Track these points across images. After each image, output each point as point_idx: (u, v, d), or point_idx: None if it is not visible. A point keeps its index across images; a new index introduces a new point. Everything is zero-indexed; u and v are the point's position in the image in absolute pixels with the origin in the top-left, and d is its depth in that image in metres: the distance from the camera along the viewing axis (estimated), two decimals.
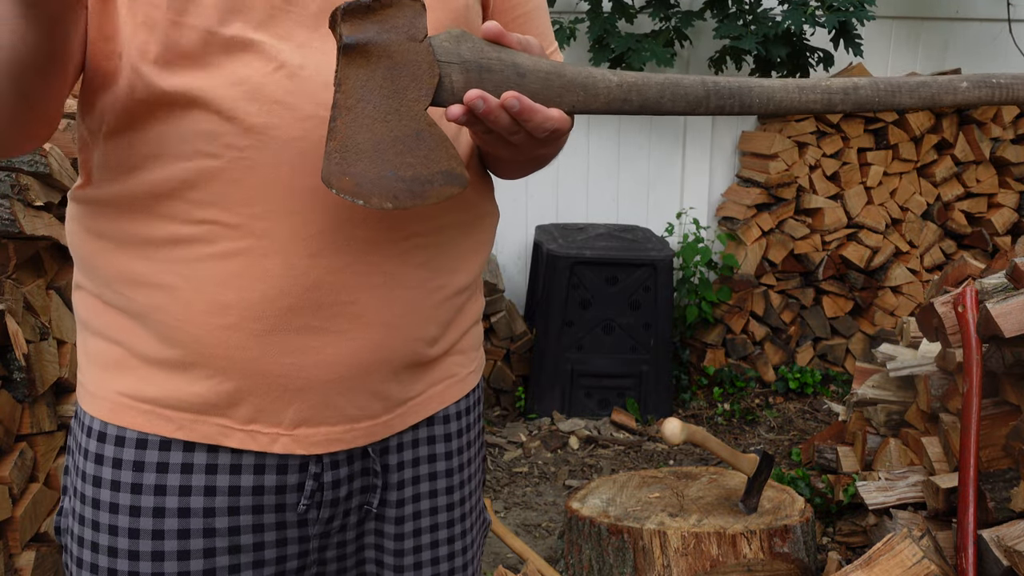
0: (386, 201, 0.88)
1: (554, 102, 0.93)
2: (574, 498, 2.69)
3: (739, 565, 2.40)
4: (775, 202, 4.37)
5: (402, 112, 0.89)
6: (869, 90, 1.03)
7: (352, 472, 1.08)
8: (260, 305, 0.98)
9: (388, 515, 1.13)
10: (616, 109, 0.97)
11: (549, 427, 3.96)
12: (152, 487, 1.02)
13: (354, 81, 0.88)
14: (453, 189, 0.91)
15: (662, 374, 4.06)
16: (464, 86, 0.90)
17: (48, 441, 2.26)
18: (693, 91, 0.98)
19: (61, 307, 2.30)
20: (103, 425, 1.03)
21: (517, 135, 0.92)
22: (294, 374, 1.01)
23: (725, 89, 0.99)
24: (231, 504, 1.03)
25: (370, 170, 0.88)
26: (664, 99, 0.98)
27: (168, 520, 1.02)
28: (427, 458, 1.14)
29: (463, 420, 1.18)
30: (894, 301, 4.44)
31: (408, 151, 0.90)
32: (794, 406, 4.26)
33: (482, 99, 0.88)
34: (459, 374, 1.16)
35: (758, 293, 4.37)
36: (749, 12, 4.00)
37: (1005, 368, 2.30)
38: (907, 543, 2.17)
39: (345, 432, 1.05)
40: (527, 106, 0.90)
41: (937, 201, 4.46)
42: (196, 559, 1.03)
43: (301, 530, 1.08)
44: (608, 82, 0.96)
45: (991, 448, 2.34)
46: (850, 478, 2.93)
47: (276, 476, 1.04)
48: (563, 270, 3.94)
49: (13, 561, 2.10)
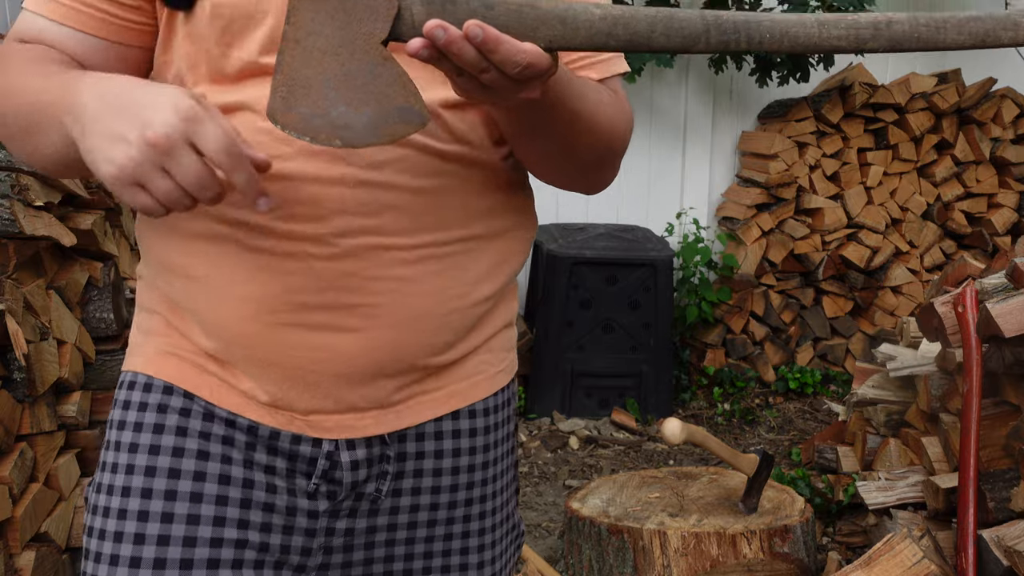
0: (334, 138, 0.84)
1: (527, 36, 0.86)
2: (574, 498, 2.69)
3: (739, 565, 2.40)
4: (775, 202, 4.37)
5: (356, 46, 0.85)
6: (907, 25, 0.88)
7: (370, 456, 1.09)
8: (277, 299, 1.01)
9: (403, 504, 1.12)
10: (600, 45, 0.88)
11: (549, 427, 3.96)
12: (174, 428, 1.05)
13: (304, 12, 0.85)
14: (409, 128, 0.85)
15: (662, 374, 4.06)
16: (425, 18, 0.85)
17: (48, 441, 2.26)
18: (690, 25, 0.87)
19: (61, 307, 2.30)
20: (134, 375, 1.09)
21: (487, 73, 0.85)
22: (307, 367, 1.04)
23: (728, 23, 0.87)
24: (247, 457, 1.06)
25: (318, 106, 0.84)
26: (655, 33, 0.87)
27: (186, 461, 1.04)
28: (451, 452, 1.14)
29: (491, 418, 1.18)
30: (894, 301, 4.44)
31: (361, 87, 0.85)
32: (794, 406, 4.26)
33: (442, 28, 0.82)
34: (486, 372, 1.16)
35: (758, 293, 4.37)
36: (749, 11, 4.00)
37: (1005, 368, 2.30)
38: (907, 543, 2.17)
39: (356, 420, 1.08)
40: (492, 35, 0.82)
41: (937, 201, 4.46)
42: (208, 504, 1.04)
43: (312, 503, 1.08)
44: (590, 15, 0.87)
45: (991, 448, 2.34)
46: (850, 478, 2.93)
47: (290, 444, 1.07)
48: (563, 270, 3.94)
49: (13, 561, 2.10)
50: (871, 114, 4.33)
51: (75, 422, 2.34)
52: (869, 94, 4.29)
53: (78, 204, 2.42)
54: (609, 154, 1.12)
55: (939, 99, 4.32)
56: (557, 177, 1.14)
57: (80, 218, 2.39)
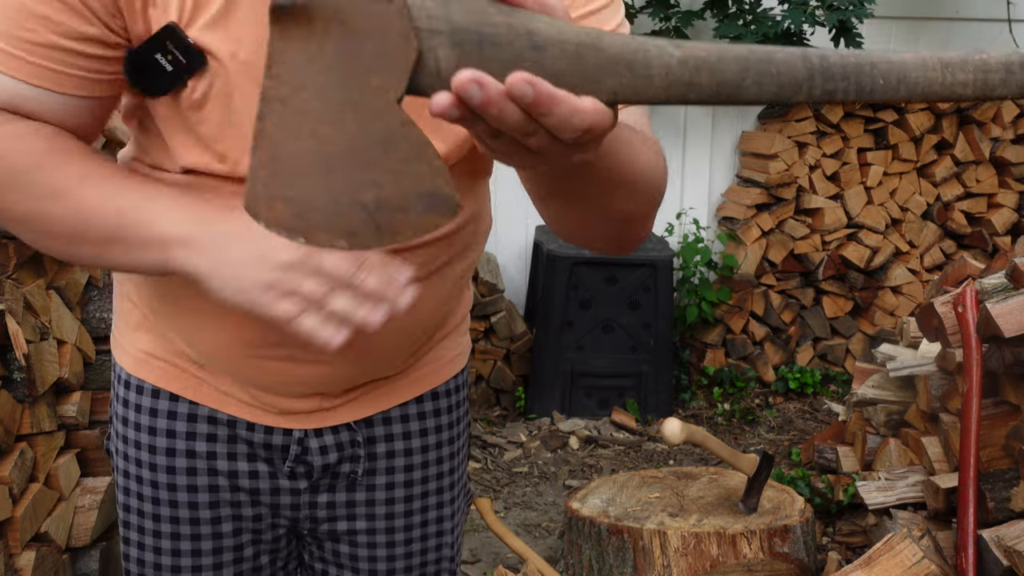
0: (338, 238, 0.63)
1: (586, 88, 0.64)
2: (574, 498, 2.69)
3: (739, 565, 2.40)
4: (775, 202, 4.37)
5: (363, 107, 0.62)
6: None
7: (339, 441, 1.18)
8: (247, 336, 1.07)
9: (379, 483, 1.22)
10: (678, 97, 0.67)
11: (549, 427, 3.96)
12: (164, 431, 1.17)
13: (291, 62, 0.62)
14: (438, 219, 0.64)
15: (662, 374, 4.06)
16: (455, 65, 0.62)
17: (48, 441, 2.26)
18: (789, 71, 0.69)
19: (61, 307, 2.30)
20: (128, 375, 1.19)
21: (533, 137, 0.65)
22: (277, 388, 1.13)
23: (836, 67, 0.69)
24: (230, 451, 1.17)
25: (313, 194, 0.63)
26: (747, 82, 0.68)
27: (179, 459, 1.17)
28: (419, 432, 1.23)
29: (452, 398, 1.26)
30: (894, 301, 4.44)
31: (372, 164, 0.63)
32: (794, 406, 4.26)
33: (478, 84, 0.61)
34: (446, 357, 1.24)
35: (758, 293, 4.37)
36: (749, 12, 4.00)
37: (1005, 368, 2.30)
38: (907, 543, 2.17)
39: (325, 414, 1.17)
40: (544, 93, 0.61)
41: (937, 201, 4.46)
42: (203, 492, 1.18)
43: (292, 483, 1.19)
44: (666, 58, 0.66)
45: (991, 448, 2.34)
46: (850, 478, 2.93)
47: (263, 434, 1.17)
48: (563, 270, 3.94)
49: (13, 561, 2.10)
50: (871, 114, 4.33)
51: (75, 422, 2.34)
52: None
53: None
54: (651, 206, 0.97)
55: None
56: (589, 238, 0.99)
57: None
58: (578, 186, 0.84)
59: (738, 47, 0.69)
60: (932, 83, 0.72)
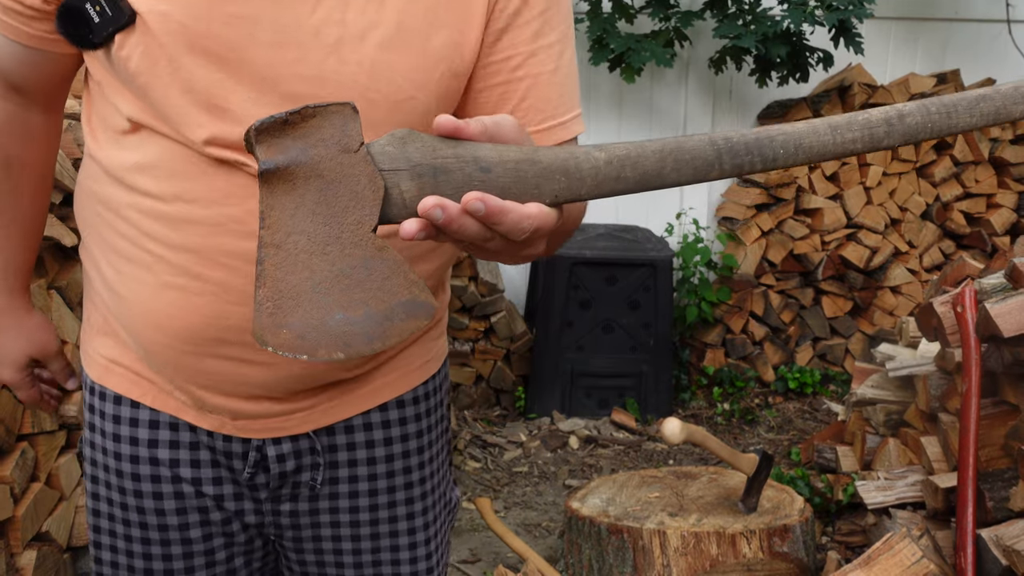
0: (336, 351, 0.73)
1: (530, 195, 0.77)
2: (574, 498, 2.70)
3: (739, 564, 2.41)
4: (774, 202, 4.38)
5: (344, 239, 0.74)
6: (918, 116, 0.84)
7: (297, 449, 1.16)
8: (190, 333, 1.06)
9: (341, 491, 1.19)
10: (608, 191, 0.80)
11: (549, 427, 3.97)
12: (128, 438, 1.17)
13: (280, 212, 0.74)
14: (419, 322, 0.75)
15: (662, 374, 4.07)
16: (417, 195, 0.74)
17: (49, 441, 2.26)
18: (701, 154, 0.80)
19: (62, 307, 2.30)
20: (92, 382, 1.19)
21: (492, 241, 0.77)
22: (224, 389, 1.11)
23: (740, 145, 0.81)
24: (192, 458, 1.17)
25: (312, 317, 0.73)
26: (666, 170, 0.80)
27: (142, 467, 1.17)
28: (383, 441, 1.20)
29: (421, 405, 1.22)
30: (893, 301, 4.45)
31: (357, 285, 0.74)
32: (793, 406, 4.27)
33: (440, 207, 0.72)
34: (413, 364, 1.21)
35: (758, 293, 4.37)
36: (749, 12, 4.00)
37: (1004, 368, 2.31)
38: (906, 542, 2.17)
39: (283, 422, 1.14)
40: (495, 207, 0.73)
41: (936, 201, 4.47)
42: (169, 499, 1.17)
43: (254, 492, 1.18)
44: (594, 161, 0.79)
45: (990, 448, 2.35)
46: (849, 478, 2.93)
47: (223, 442, 1.15)
48: (563, 270, 3.95)
49: (14, 561, 2.11)
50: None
51: (76, 422, 2.35)
52: (868, 94, 4.30)
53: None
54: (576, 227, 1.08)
55: None
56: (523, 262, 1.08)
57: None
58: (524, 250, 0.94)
59: (653, 142, 0.81)
60: (825, 145, 0.83)
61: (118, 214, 1.06)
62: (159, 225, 1.03)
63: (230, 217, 1.00)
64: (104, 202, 1.08)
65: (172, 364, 1.10)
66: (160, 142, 1.01)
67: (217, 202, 1.00)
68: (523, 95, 1.03)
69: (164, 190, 1.01)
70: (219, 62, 0.96)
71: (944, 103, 0.86)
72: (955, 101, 0.86)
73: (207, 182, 1.00)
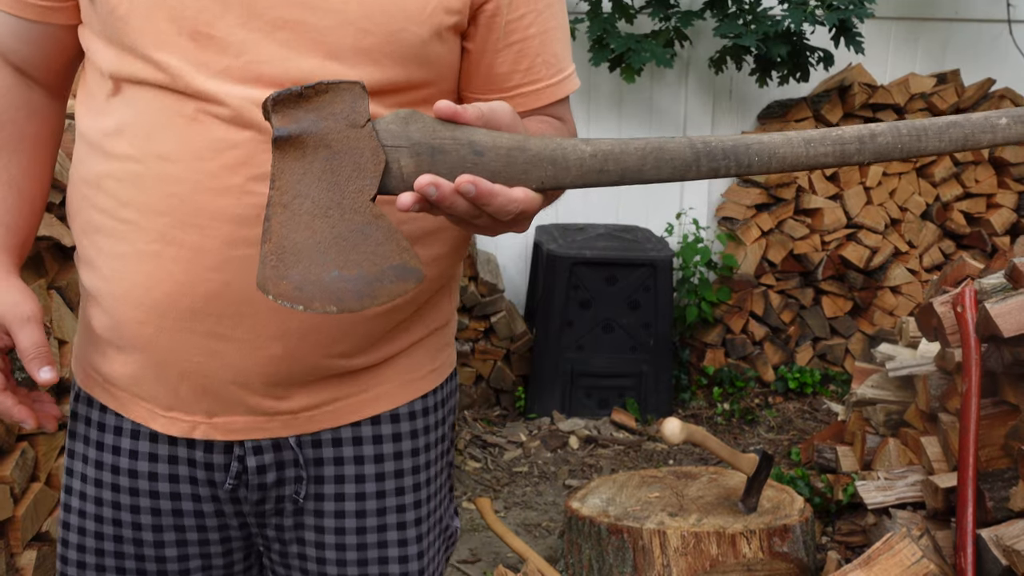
0: (329, 304, 0.81)
1: (518, 180, 0.84)
2: (574, 498, 2.70)
3: (738, 564, 2.41)
4: (774, 202, 4.38)
5: (344, 205, 0.82)
6: (889, 136, 0.90)
7: (280, 460, 1.11)
8: (165, 304, 1.03)
9: (327, 508, 1.13)
10: (592, 182, 0.87)
11: (549, 427, 3.97)
12: (110, 447, 1.13)
13: (289, 176, 0.82)
14: (407, 285, 0.83)
15: (662, 374, 4.07)
16: (415, 171, 0.82)
17: (49, 441, 2.26)
18: (680, 155, 0.87)
19: (62, 307, 2.30)
20: (79, 388, 1.17)
21: (480, 219, 0.85)
22: (203, 372, 1.06)
23: (717, 150, 0.87)
24: (171, 472, 1.12)
25: (311, 272, 0.81)
26: (647, 167, 0.86)
27: (122, 478, 1.13)
28: (373, 457, 1.13)
29: (419, 421, 1.15)
30: (893, 301, 4.45)
31: (353, 248, 0.82)
32: (793, 406, 4.27)
33: (434, 185, 0.80)
34: (412, 375, 1.14)
35: (757, 293, 4.37)
36: (749, 12, 4.00)
37: (1004, 368, 2.31)
38: (906, 542, 2.17)
39: (265, 422, 1.09)
40: (485, 190, 0.82)
41: (936, 201, 4.47)
42: (146, 515, 1.13)
43: (236, 506, 1.14)
44: (580, 153, 0.85)
45: (990, 448, 2.35)
46: (849, 478, 2.93)
47: (203, 453, 1.11)
48: (563, 270, 3.95)
49: (14, 561, 2.11)
50: (871, 114, 4.33)
51: None
52: (868, 94, 4.30)
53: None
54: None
55: (938, 99, 4.33)
56: None
57: None
58: None
59: (637, 141, 0.87)
60: (798, 156, 0.88)
61: (98, 187, 1.05)
62: (135, 190, 1.02)
63: (206, 172, 0.98)
64: (86, 180, 1.07)
65: (150, 347, 1.05)
66: (138, 97, 1.00)
67: (193, 156, 0.99)
68: (537, 51, 1.07)
69: (140, 149, 1.01)
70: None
71: (915, 126, 0.91)
72: (926, 126, 0.91)
73: (182, 136, 0.99)
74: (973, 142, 0.91)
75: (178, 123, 0.99)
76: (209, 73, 0.97)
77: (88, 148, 1.07)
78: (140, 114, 1.01)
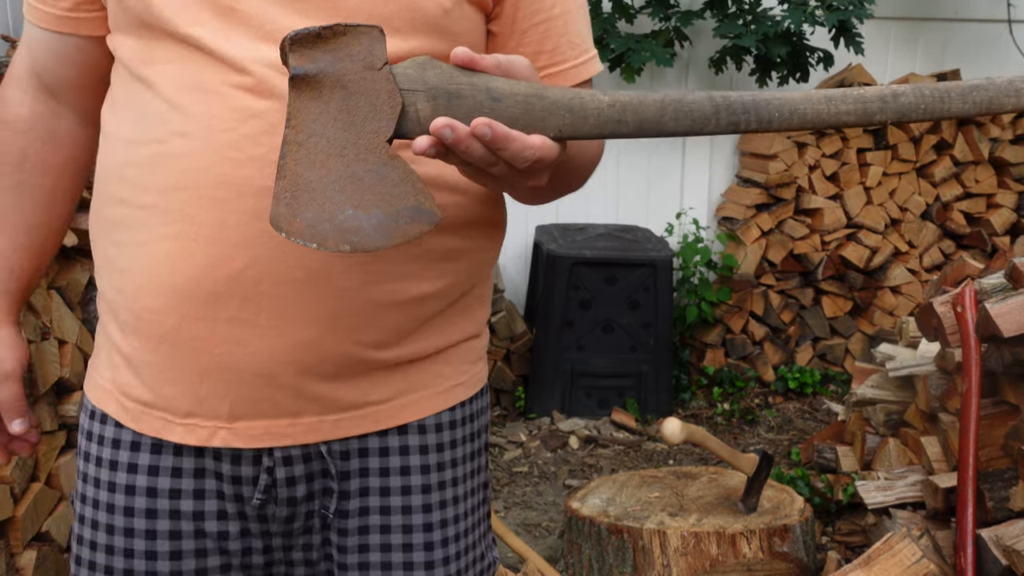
0: (343, 243, 0.80)
1: (536, 127, 0.84)
2: (574, 498, 2.70)
3: (738, 564, 2.41)
4: (775, 202, 4.38)
5: (360, 145, 0.82)
6: (912, 96, 0.89)
7: (310, 471, 1.07)
8: (188, 289, 0.99)
9: (351, 526, 1.08)
10: (610, 132, 0.86)
11: (549, 427, 3.97)
12: (126, 464, 1.07)
13: (305, 115, 0.82)
14: (421, 227, 0.82)
15: (662, 374, 4.07)
16: (431, 115, 0.82)
17: (49, 441, 2.26)
18: (699, 108, 0.86)
19: (62, 307, 2.30)
20: (93, 406, 1.11)
21: (496, 166, 0.84)
22: (226, 364, 1.01)
23: (737, 104, 0.87)
24: (196, 487, 1.07)
25: (325, 210, 0.81)
26: (665, 118, 0.86)
27: (138, 499, 1.07)
28: (399, 470, 1.08)
29: (446, 434, 1.11)
30: (893, 301, 4.45)
31: (368, 188, 0.82)
32: (793, 406, 4.27)
33: (450, 127, 0.80)
34: (440, 385, 1.10)
35: (757, 293, 4.37)
36: (749, 12, 4.00)
37: (1004, 368, 2.31)
38: (906, 542, 2.17)
39: (287, 427, 1.04)
40: (501, 133, 0.81)
41: (936, 201, 4.47)
42: (163, 539, 1.07)
43: (262, 525, 1.08)
44: (598, 103, 0.85)
45: (990, 448, 2.35)
46: (849, 478, 2.94)
47: (231, 466, 1.06)
48: (563, 270, 3.95)
49: (14, 561, 2.11)
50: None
51: (76, 422, 2.35)
52: None
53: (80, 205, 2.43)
54: (591, 171, 1.13)
55: None
56: (538, 203, 1.15)
57: (82, 218, 2.39)
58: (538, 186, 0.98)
59: (656, 94, 0.87)
60: (819, 114, 0.88)
61: (120, 178, 1.03)
62: (155, 171, 0.99)
63: (227, 143, 0.96)
64: (108, 175, 1.06)
65: (170, 340, 1.01)
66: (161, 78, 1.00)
67: (214, 129, 0.97)
68: (562, 31, 1.08)
69: (161, 130, 0.99)
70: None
71: (938, 88, 0.90)
72: (949, 88, 0.90)
73: (204, 110, 0.98)
74: (997, 106, 0.91)
75: (199, 98, 0.98)
76: (232, 43, 0.97)
77: (111, 143, 1.06)
78: (162, 95, 0.99)
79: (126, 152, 1.03)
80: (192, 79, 0.98)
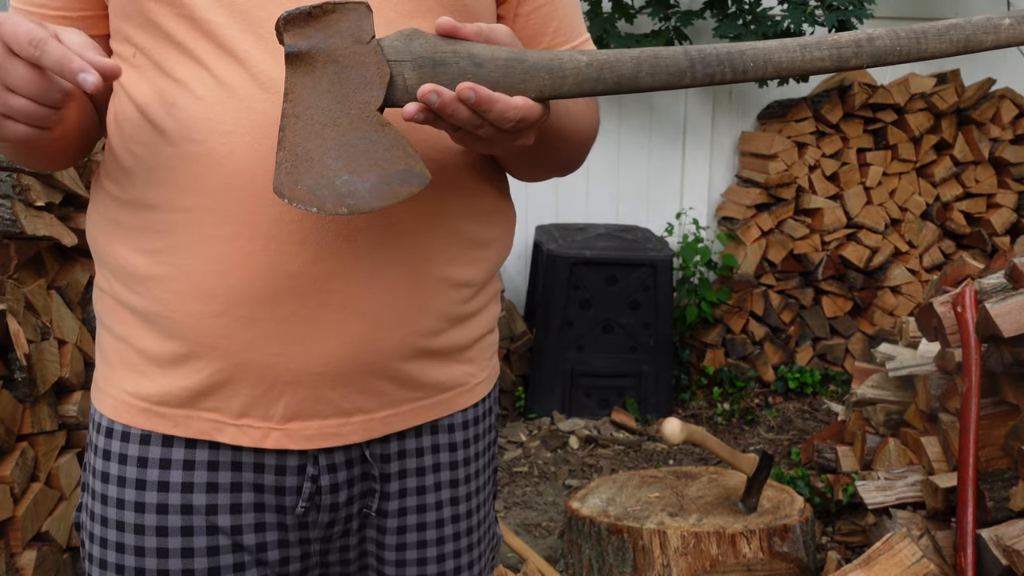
0: (341, 206, 0.87)
1: (517, 89, 0.89)
2: (574, 498, 2.70)
3: (739, 564, 2.41)
4: (775, 202, 4.38)
5: (352, 115, 0.88)
6: (887, 39, 0.91)
7: (351, 476, 1.07)
8: (244, 290, 0.97)
9: (389, 525, 1.11)
10: (589, 90, 0.91)
11: (549, 427, 3.97)
12: (156, 483, 1.02)
13: (301, 89, 0.87)
14: (412, 188, 0.89)
15: (662, 374, 4.07)
16: (418, 82, 0.88)
17: (49, 441, 2.26)
18: (675, 62, 0.90)
19: (62, 307, 2.30)
20: (110, 422, 1.05)
21: (482, 128, 0.89)
22: (283, 365, 0.99)
23: (712, 56, 0.90)
24: (233, 502, 1.04)
25: (323, 176, 0.87)
26: (642, 74, 0.90)
27: (172, 517, 1.03)
28: (432, 468, 1.11)
29: (470, 430, 1.15)
30: (893, 301, 4.45)
31: (362, 154, 0.88)
32: (793, 406, 4.27)
33: (436, 93, 0.85)
34: (468, 383, 1.13)
35: (757, 293, 4.37)
36: (749, 12, 4.01)
37: (1004, 368, 2.31)
38: (906, 542, 2.17)
39: (339, 426, 1.04)
40: (484, 96, 0.86)
41: (936, 201, 4.47)
42: (200, 557, 1.04)
43: (302, 532, 1.08)
44: (576, 62, 0.90)
45: (990, 448, 2.35)
46: (849, 478, 2.94)
47: (275, 476, 1.04)
48: (563, 270, 3.95)
49: (15, 561, 2.11)
50: (870, 114, 4.34)
51: (76, 422, 2.35)
52: (868, 94, 4.30)
53: (79, 204, 2.43)
54: (587, 147, 1.17)
55: (938, 99, 4.33)
56: (537, 178, 1.19)
57: (81, 218, 2.39)
58: (532, 152, 1.02)
59: (632, 51, 0.90)
60: (794, 61, 0.90)
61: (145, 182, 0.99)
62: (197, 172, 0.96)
63: (272, 139, 0.95)
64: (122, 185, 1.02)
65: (225, 343, 0.98)
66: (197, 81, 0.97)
67: (256, 124, 0.95)
68: (562, 15, 1.13)
69: (201, 130, 0.96)
70: None
71: (914, 29, 0.91)
72: (926, 29, 0.91)
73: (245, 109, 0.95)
74: (975, 43, 0.91)
75: (234, 95, 0.96)
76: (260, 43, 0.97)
77: (125, 148, 1.03)
78: (195, 94, 0.97)
79: (150, 156, 0.99)
80: (225, 77, 0.96)
